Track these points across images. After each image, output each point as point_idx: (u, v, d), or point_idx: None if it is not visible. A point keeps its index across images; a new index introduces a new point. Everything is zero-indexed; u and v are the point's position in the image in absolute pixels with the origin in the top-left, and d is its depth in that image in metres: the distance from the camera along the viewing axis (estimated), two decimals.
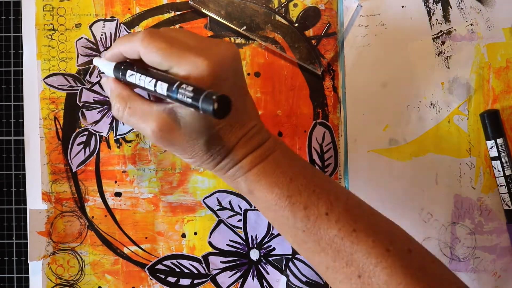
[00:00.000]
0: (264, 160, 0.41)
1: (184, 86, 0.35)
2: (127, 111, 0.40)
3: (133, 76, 0.39)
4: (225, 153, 0.40)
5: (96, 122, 0.51)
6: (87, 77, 0.51)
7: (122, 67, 0.41)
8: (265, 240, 0.51)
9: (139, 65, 0.40)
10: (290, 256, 0.51)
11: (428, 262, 0.39)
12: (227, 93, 0.36)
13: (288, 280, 0.51)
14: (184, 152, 0.40)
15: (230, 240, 0.51)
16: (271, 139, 0.42)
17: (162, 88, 0.37)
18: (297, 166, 0.42)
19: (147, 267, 0.51)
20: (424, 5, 0.51)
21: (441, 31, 0.51)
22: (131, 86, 0.41)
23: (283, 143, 0.43)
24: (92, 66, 0.51)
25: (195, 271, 0.51)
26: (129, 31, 0.51)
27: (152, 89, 0.37)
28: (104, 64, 0.42)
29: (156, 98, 0.41)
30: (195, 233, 0.51)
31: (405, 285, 0.37)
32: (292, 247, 0.51)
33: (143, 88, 0.38)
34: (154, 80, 0.37)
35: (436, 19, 0.51)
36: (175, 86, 0.36)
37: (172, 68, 0.38)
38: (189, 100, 0.35)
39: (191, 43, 0.39)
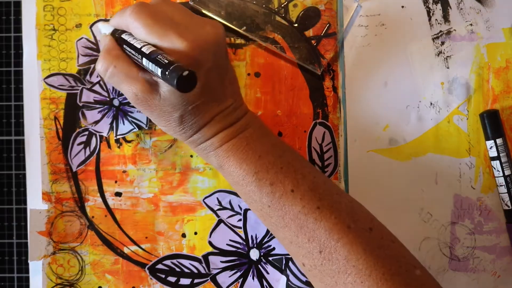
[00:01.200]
0: (235, 137, 0.42)
1: (160, 57, 0.37)
2: (112, 70, 0.41)
3: (127, 36, 0.42)
4: (197, 128, 0.42)
5: (96, 122, 0.51)
6: (88, 77, 0.51)
7: (120, 31, 0.43)
8: (265, 240, 0.51)
9: None
10: (290, 256, 0.51)
11: (388, 241, 0.41)
12: (204, 74, 0.39)
13: (288, 280, 0.51)
14: (159, 120, 0.42)
15: (230, 240, 0.51)
16: (246, 116, 0.44)
17: (147, 50, 0.39)
18: (267, 144, 0.43)
19: (147, 266, 0.51)
20: (424, 5, 0.51)
21: (440, 31, 0.51)
22: (121, 44, 0.42)
23: (258, 120, 0.45)
24: (92, 66, 0.51)
25: (195, 271, 0.51)
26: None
27: (138, 50, 0.39)
28: (105, 27, 0.45)
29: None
30: (195, 233, 0.51)
31: (364, 260, 0.38)
32: None
33: (132, 50, 0.40)
34: (142, 44, 0.40)
35: (436, 19, 0.51)
36: (154, 54, 0.38)
37: (155, 44, 0.40)
38: (159, 71, 0.37)
39: (177, 19, 0.41)
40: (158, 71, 0.37)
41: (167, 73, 0.36)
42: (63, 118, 0.51)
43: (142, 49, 0.39)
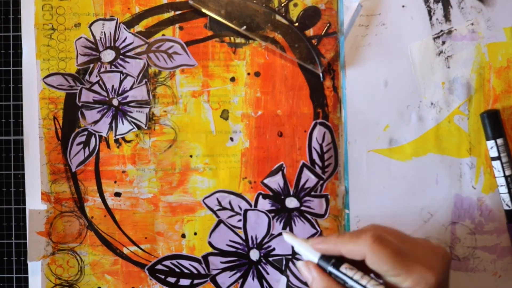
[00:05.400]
0: None
1: None
2: None
3: (350, 272, 0.40)
4: None
5: (96, 122, 0.51)
6: (87, 76, 0.51)
7: (334, 260, 0.41)
8: (265, 240, 0.51)
9: (352, 263, 0.41)
10: (290, 256, 0.51)
11: None
12: None
13: (288, 280, 0.51)
14: None
15: (230, 240, 0.51)
16: None
17: None
18: None
19: (146, 267, 0.51)
20: (425, 5, 0.51)
21: (441, 30, 0.51)
22: (339, 278, 0.41)
23: None
24: (92, 65, 0.51)
25: (195, 271, 0.51)
26: (128, 30, 0.51)
27: None
28: (306, 249, 0.42)
29: None
30: (195, 233, 0.51)
31: None
32: (292, 247, 0.50)
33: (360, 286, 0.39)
34: (377, 283, 0.39)
35: (437, 19, 0.51)
36: None
37: (396, 276, 0.39)
38: None
39: (415, 252, 0.40)
40: None
41: None
42: (62, 118, 0.51)
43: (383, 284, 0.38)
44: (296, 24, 0.51)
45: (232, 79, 0.51)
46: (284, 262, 0.51)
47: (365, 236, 0.40)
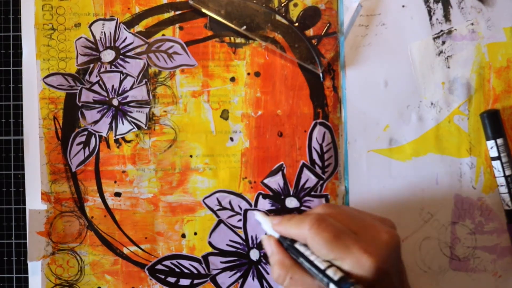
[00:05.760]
0: None
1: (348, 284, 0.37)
2: (289, 281, 0.41)
3: (303, 248, 0.41)
4: None
5: (96, 122, 0.51)
6: (87, 76, 0.51)
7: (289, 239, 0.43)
8: None
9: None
10: None
11: None
12: (391, 284, 0.38)
13: None
14: None
15: (230, 240, 0.51)
16: None
17: (333, 275, 0.38)
18: None
19: (146, 267, 0.51)
20: (425, 5, 0.51)
21: (441, 30, 0.51)
22: (293, 254, 0.42)
23: None
24: (91, 65, 0.51)
25: (195, 271, 0.51)
26: (128, 30, 0.51)
27: (323, 272, 0.39)
28: (270, 228, 0.45)
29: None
30: (195, 233, 0.51)
31: None
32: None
33: (314, 268, 0.40)
34: (326, 265, 0.39)
35: (437, 19, 0.51)
36: (345, 284, 0.37)
37: (335, 260, 0.39)
38: None
39: (353, 229, 0.40)
40: None
41: None
42: (62, 118, 0.51)
43: (327, 272, 0.38)
44: (296, 24, 0.51)
45: (232, 79, 0.51)
46: None
47: (306, 219, 0.40)
